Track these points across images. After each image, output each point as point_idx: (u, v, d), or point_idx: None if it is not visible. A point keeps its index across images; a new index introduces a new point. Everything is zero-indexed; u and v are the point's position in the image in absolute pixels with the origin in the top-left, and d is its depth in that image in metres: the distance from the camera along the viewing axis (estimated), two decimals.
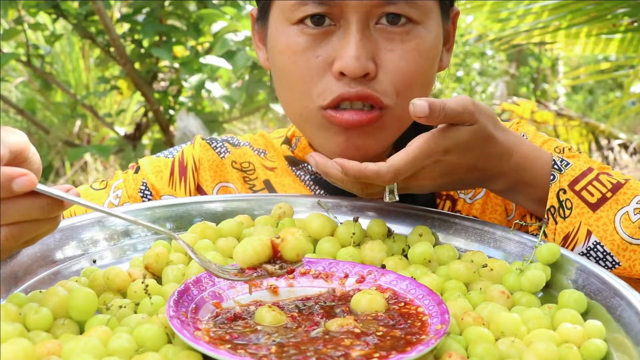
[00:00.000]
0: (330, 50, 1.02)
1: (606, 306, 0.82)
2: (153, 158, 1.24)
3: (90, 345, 0.67)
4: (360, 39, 1.00)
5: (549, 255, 0.90)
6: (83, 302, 0.76)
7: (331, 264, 0.89)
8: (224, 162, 1.23)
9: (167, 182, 1.20)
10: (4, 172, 0.70)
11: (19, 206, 0.72)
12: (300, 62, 1.04)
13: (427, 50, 1.05)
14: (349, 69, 1.00)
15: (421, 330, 0.72)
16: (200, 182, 1.21)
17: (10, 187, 0.70)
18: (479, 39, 7.17)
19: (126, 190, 1.18)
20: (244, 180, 1.22)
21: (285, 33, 1.05)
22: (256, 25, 1.16)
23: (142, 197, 1.18)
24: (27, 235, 0.75)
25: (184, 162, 1.22)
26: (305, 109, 1.06)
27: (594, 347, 0.75)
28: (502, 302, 0.84)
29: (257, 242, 0.80)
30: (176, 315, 0.72)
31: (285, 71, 1.07)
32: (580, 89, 10.05)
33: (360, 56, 1.00)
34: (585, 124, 5.66)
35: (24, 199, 0.73)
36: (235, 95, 4.17)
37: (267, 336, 0.71)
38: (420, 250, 0.93)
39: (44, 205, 0.74)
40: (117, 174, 1.23)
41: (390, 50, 1.03)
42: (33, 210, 0.73)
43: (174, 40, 3.81)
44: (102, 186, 1.20)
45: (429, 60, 1.07)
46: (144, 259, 0.91)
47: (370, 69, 1.01)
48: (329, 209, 1.05)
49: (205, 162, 1.23)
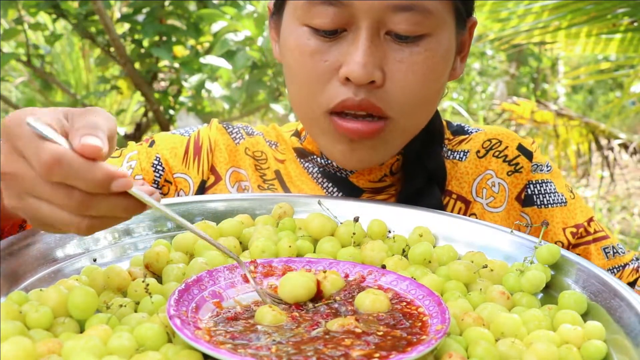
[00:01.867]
0: (339, 56, 1.01)
1: (606, 307, 0.82)
2: (168, 134, 1.24)
3: (90, 344, 0.67)
4: (368, 47, 0.99)
5: (549, 256, 0.90)
6: (83, 300, 0.76)
7: (331, 264, 0.89)
8: (238, 148, 1.24)
9: (181, 159, 1.20)
10: (107, 172, 0.71)
11: (109, 203, 0.73)
12: (308, 64, 1.03)
13: (437, 63, 1.04)
14: (354, 75, 0.99)
15: (422, 330, 0.72)
16: (215, 163, 1.21)
17: (108, 186, 0.71)
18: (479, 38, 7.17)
19: (139, 162, 1.18)
20: (255, 167, 1.22)
21: (295, 32, 1.04)
22: (272, 19, 1.15)
23: (154, 171, 1.18)
24: (103, 228, 0.77)
25: (199, 141, 1.22)
26: (311, 111, 1.06)
27: (594, 348, 0.75)
28: (502, 302, 0.84)
29: (305, 281, 0.81)
30: (177, 315, 0.72)
31: (293, 70, 1.07)
32: (580, 88, 10.04)
33: (367, 63, 0.98)
34: (586, 124, 5.65)
35: (115, 197, 0.73)
36: (236, 95, 4.17)
37: (267, 336, 0.71)
38: (420, 251, 0.93)
39: (130, 207, 0.75)
40: (131, 144, 1.22)
41: (399, 61, 1.01)
42: (119, 209, 0.74)
43: (174, 40, 3.80)
44: (116, 154, 1.20)
45: (437, 73, 1.05)
46: (145, 258, 0.91)
47: (376, 77, 1.00)
48: (329, 209, 1.05)
49: (221, 144, 1.23)
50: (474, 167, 1.23)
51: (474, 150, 1.24)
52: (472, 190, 1.21)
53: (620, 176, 6.95)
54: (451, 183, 1.22)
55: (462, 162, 1.23)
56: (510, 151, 1.24)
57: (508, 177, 1.22)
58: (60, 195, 0.71)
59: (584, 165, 6.10)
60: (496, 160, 1.23)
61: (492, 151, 1.24)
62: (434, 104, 1.10)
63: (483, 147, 1.24)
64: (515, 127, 7.15)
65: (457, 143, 1.26)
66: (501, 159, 1.23)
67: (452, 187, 1.21)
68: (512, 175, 1.23)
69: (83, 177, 0.70)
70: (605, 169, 5.99)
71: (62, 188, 0.71)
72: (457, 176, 1.22)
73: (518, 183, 1.22)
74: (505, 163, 1.23)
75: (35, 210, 0.74)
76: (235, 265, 0.86)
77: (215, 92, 4.02)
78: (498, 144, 1.24)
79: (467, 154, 1.24)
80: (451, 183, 1.22)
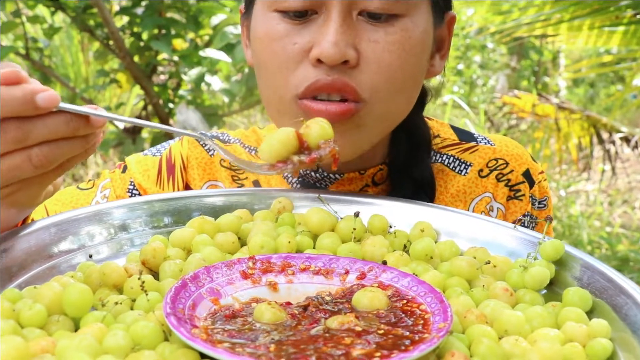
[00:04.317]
0: (309, 38, 0.97)
1: (611, 304, 0.80)
2: (140, 156, 1.21)
3: (84, 343, 0.65)
4: (340, 25, 0.95)
5: (553, 252, 0.89)
6: (78, 298, 0.74)
7: (331, 260, 0.87)
8: (213, 160, 1.20)
9: (154, 181, 1.17)
10: (27, 87, 0.71)
11: (45, 124, 0.72)
12: (277, 49, 0.99)
13: (413, 45, 0.99)
14: (326, 54, 0.94)
15: (424, 328, 0.71)
16: (189, 180, 1.18)
17: (34, 102, 0.71)
18: (480, 31, 7.15)
19: (114, 189, 1.16)
20: (232, 179, 1.19)
21: (265, 21, 1.01)
22: (244, 21, 1.11)
23: (130, 196, 1.16)
24: (58, 156, 0.75)
25: (171, 160, 1.19)
26: (282, 101, 1.01)
27: (599, 346, 0.73)
28: (505, 299, 0.83)
29: (282, 134, 0.76)
30: (173, 313, 0.70)
31: (263, 61, 1.02)
32: (581, 82, 10.02)
33: (340, 42, 0.94)
34: (587, 117, 5.63)
35: (48, 117, 0.73)
36: (235, 89, 4.15)
37: (266, 334, 0.70)
38: (422, 246, 0.91)
39: (69, 121, 0.74)
40: (105, 173, 1.20)
41: (374, 41, 0.97)
42: (59, 127, 0.73)
43: (173, 33, 3.78)
44: (89, 186, 1.17)
45: (415, 56, 1.00)
46: (141, 254, 0.89)
47: (350, 56, 0.96)
48: (329, 203, 1.03)
49: (194, 160, 1.20)
50: (474, 186, 1.19)
51: (477, 168, 1.20)
52: (469, 211, 1.18)
53: (621, 170, 6.94)
54: (443, 196, 1.18)
55: (461, 175, 1.20)
56: (515, 176, 1.21)
57: (506, 203, 1.19)
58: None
59: (585, 158, 6.08)
60: (497, 184, 1.20)
61: (496, 172, 1.20)
62: (411, 94, 1.05)
63: (488, 166, 1.20)
64: (516, 120, 7.14)
65: (463, 150, 1.22)
66: (503, 182, 1.20)
67: (445, 203, 1.18)
68: (511, 201, 1.20)
69: (6, 101, 0.70)
70: (607, 162, 5.97)
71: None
72: (453, 191, 1.19)
73: (516, 211, 1.20)
74: (507, 188, 1.20)
75: None
76: (233, 262, 0.84)
77: (214, 86, 4.00)
78: (504, 165, 1.20)
79: (469, 167, 1.20)
80: (443, 196, 1.18)
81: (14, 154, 0.73)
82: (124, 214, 0.99)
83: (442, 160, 1.21)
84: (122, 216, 0.99)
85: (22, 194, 0.80)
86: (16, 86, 0.71)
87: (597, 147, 5.94)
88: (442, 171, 1.20)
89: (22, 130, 0.72)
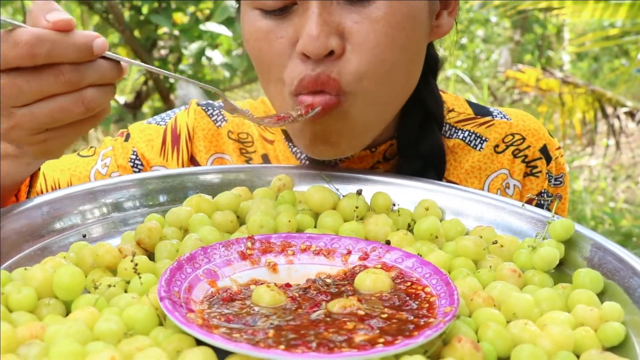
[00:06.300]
0: (293, 31, 0.93)
1: (624, 287, 0.77)
2: (144, 125, 1.18)
3: (74, 328, 0.62)
4: (319, 15, 0.90)
5: (562, 231, 0.85)
6: (69, 280, 0.71)
7: (333, 240, 0.84)
8: (220, 132, 1.17)
9: (158, 152, 1.14)
10: (86, 35, 0.73)
11: (94, 68, 0.74)
12: (265, 46, 0.95)
13: (400, 20, 0.93)
14: (309, 50, 0.90)
15: (429, 312, 0.68)
16: (194, 152, 1.15)
17: (91, 49, 0.72)
18: (483, 5, 7.09)
19: (115, 159, 1.13)
20: (240, 152, 1.15)
21: (248, 19, 0.97)
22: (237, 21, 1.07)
23: (133, 166, 1.13)
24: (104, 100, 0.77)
25: (176, 130, 1.15)
26: (280, 96, 0.98)
27: (611, 330, 0.70)
28: (513, 281, 0.80)
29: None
30: (167, 296, 0.67)
31: (255, 59, 0.99)
32: (585, 56, 9.94)
33: (321, 34, 0.89)
34: (591, 92, 5.57)
35: (96, 62, 0.75)
36: (236, 63, 4.12)
37: (265, 318, 0.67)
38: (426, 225, 0.88)
39: (113, 67, 0.76)
40: (106, 140, 1.17)
41: (358, 22, 0.91)
42: (106, 72, 0.75)
43: (173, 7, 3.74)
44: (89, 153, 1.14)
45: (403, 30, 0.94)
46: (136, 233, 0.86)
47: (334, 45, 0.91)
48: (331, 181, 1.00)
49: (200, 131, 1.16)
50: (489, 162, 1.16)
51: (493, 143, 1.16)
52: (484, 188, 1.15)
53: (625, 144, 6.90)
54: (457, 171, 1.15)
55: (476, 150, 1.16)
56: (532, 152, 1.17)
57: (523, 179, 1.16)
58: (49, 79, 0.72)
59: (589, 133, 6.04)
60: (514, 160, 1.16)
61: (512, 148, 1.16)
62: (408, 68, 0.99)
63: (504, 141, 1.17)
64: (519, 95, 7.10)
65: (478, 125, 1.18)
66: (520, 158, 1.16)
67: (459, 179, 1.14)
68: (527, 178, 1.17)
69: (66, 46, 0.71)
70: (611, 137, 5.93)
71: (48, 70, 0.72)
72: (467, 167, 1.15)
73: (532, 188, 1.16)
74: (524, 164, 1.16)
75: (30, 118, 0.74)
76: (231, 242, 0.81)
77: (215, 60, 3.97)
78: (521, 141, 1.17)
79: (485, 143, 1.16)
80: (457, 171, 1.15)
81: (66, 96, 0.74)
82: (119, 192, 0.96)
83: (458, 136, 1.17)
84: (117, 194, 0.95)
85: (56, 141, 0.80)
86: (72, 33, 0.72)
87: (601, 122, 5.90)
88: (459, 146, 1.16)
89: (78, 72, 0.73)
